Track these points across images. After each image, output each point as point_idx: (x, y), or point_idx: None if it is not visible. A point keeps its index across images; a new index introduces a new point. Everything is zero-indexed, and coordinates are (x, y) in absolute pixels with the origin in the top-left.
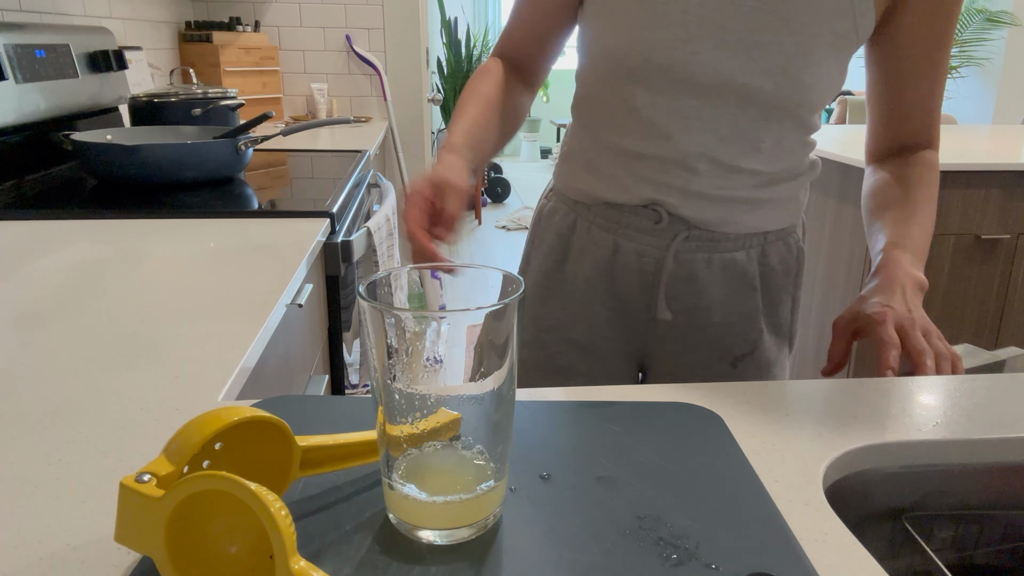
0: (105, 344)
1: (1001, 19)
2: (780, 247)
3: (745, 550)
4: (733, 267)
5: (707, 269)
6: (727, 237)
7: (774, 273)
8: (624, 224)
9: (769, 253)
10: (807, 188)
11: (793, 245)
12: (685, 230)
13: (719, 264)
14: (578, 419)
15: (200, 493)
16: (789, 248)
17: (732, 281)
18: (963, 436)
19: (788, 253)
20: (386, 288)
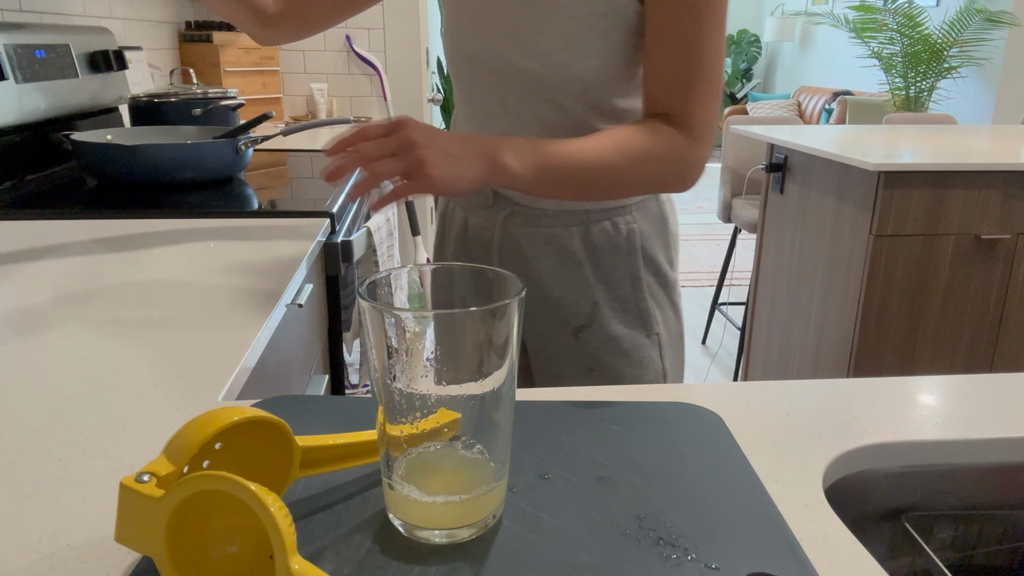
0: (105, 344)
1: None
2: (606, 227)
3: (745, 550)
4: (555, 242)
5: (531, 242)
6: (547, 214)
7: (601, 251)
8: (469, 201)
9: (592, 232)
10: None
11: (623, 227)
12: (511, 206)
13: (541, 238)
14: (578, 419)
15: (200, 493)
16: (617, 229)
17: (556, 255)
18: (963, 436)
19: (616, 233)
20: (386, 288)
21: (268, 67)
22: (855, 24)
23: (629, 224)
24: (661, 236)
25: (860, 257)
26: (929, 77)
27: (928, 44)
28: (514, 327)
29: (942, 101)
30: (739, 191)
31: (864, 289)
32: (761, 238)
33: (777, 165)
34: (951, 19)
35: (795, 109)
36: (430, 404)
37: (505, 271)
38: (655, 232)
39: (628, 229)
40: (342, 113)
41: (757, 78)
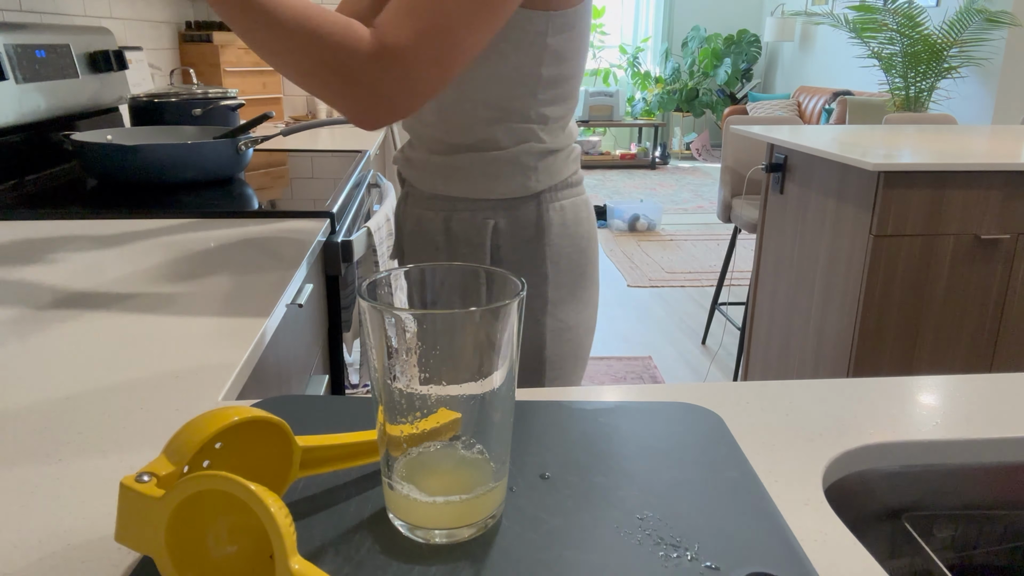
0: (105, 344)
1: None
2: (466, 216)
3: (745, 550)
4: (421, 223)
5: (407, 222)
6: (423, 195)
7: (457, 239)
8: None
9: (452, 218)
10: (516, 176)
11: (481, 220)
12: (407, 187)
13: (414, 218)
14: (578, 419)
15: (200, 493)
16: (474, 220)
17: (422, 236)
18: (963, 436)
19: (472, 226)
20: (386, 288)
21: (268, 67)
22: (855, 24)
23: (486, 219)
24: (531, 244)
25: (860, 257)
26: (929, 77)
27: (928, 44)
28: (514, 327)
29: (942, 101)
30: (739, 191)
31: (864, 289)
32: (761, 238)
33: (777, 165)
34: (951, 19)
35: (795, 109)
36: (430, 404)
37: (505, 271)
38: (523, 237)
39: (483, 223)
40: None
41: (757, 78)
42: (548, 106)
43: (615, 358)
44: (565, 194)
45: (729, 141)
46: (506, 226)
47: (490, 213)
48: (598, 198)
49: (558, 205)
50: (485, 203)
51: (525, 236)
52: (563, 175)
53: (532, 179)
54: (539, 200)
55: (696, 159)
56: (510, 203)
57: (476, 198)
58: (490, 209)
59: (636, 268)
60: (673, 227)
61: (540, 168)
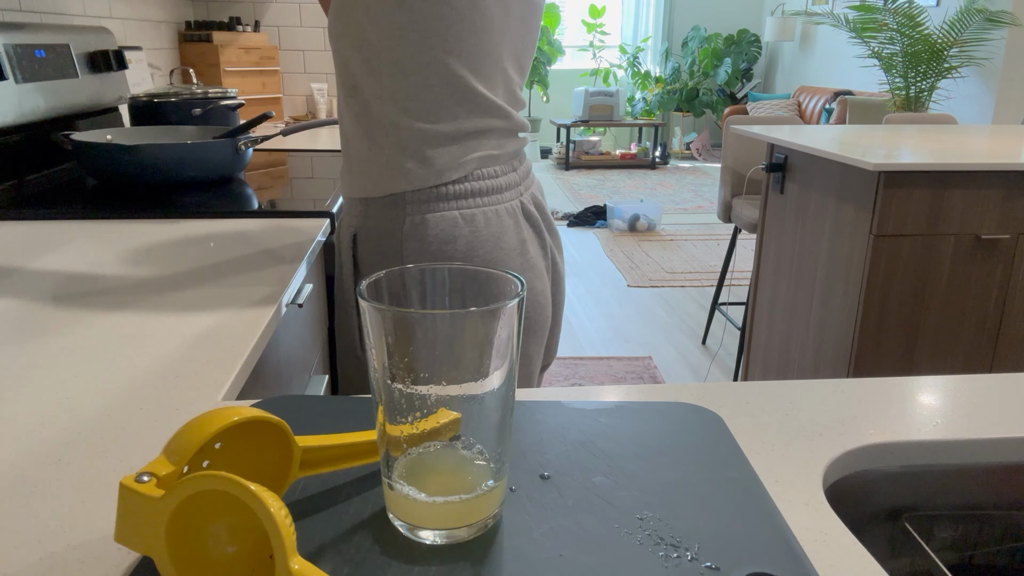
0: (105, 344)
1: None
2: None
3: (745, 550)
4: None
5: None
6: None
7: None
8: None
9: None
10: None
11: (344, 226)
12: None
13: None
14: (578, 419)
15: (200, 493)
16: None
17: None
18: (963, 436)
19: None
20: (386, 288)
21: (268, 67)
22: (855, 24)
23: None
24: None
25: (860, 257)
26: (929, 77)
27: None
28: (514, 327)
29: (942, 101)
30: (739, 191)
31: (864, 289)
32: (761, 238)
33: (777, 165)
34: (951, 19)
35: (795, 109)
36: (430, 404)
37: (505, 271)
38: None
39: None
40: None
41: (757, 78)
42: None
43: (615, 358)
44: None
45: (729, 141)
46: (366, 235)
47: (351, 220)
48: (599, 198)
49: (413, 225)
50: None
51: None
52: (431, 181)
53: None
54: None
55: (696, 159)
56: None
57: (358, 195)
58: (359, 212)
59: (636, 268)
60: (673, 227)
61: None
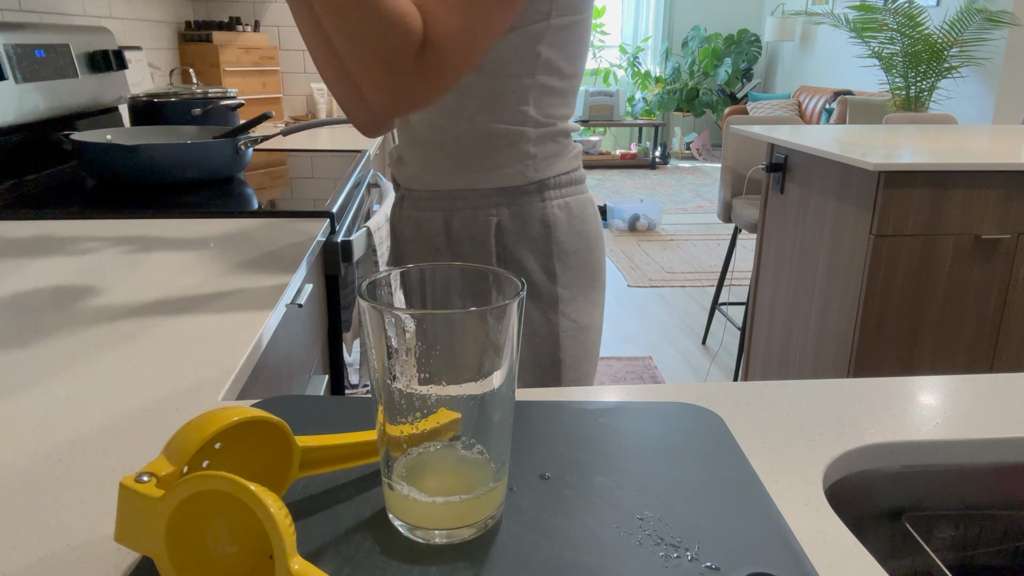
0: (105, 344)
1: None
2: (467, 214)
3: (745, 550)
4: (420, 224)
5: (405, 225)
6: (420, 195)
7: (459, 239)
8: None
9: (453, 218)
10: (513, 163)
11: (482, 217)
12: (402, 191)
13: (412, 221)
14: (578, 419)
15: (200, 493)
16: (475, 218)
17: (422, 239)
18: (963, 436)
19: (475, 224)
20: (386, 288)
21: (268, 67)
22: (855, 24)
23: (488, 215)
24: (538, 242)
25: (860, 257)
26: (929, 77)
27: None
28: (514, 327)
29: (942, 101)
30: (739, 191)
31: (864, 289)
32: (761, 238)
33: (777, 165)
34: (951, 19)
35: (795, 109)
36: (430, 404)
37: (505, 271)
38: (528, 235)
39: (486, 221)
40: (342, 113)
41: (757, 78)
42: (547, 92)
43: (615, 358)
44: (569, 191)
45: (729, 141)
46: (510, 222)
47: (492, 209)
48: (599, 198)
49: (562, 202)
50: (486, 198)
51: (530, 233)
52: (563, 168)
53: (530, 167)
54: (542, 196)
55: (696, 159)
56: (512, 198)
57: (474, 188)
58: (492, 205)
59: (636, 268)
60: (673, 227)
61: (538, 156)
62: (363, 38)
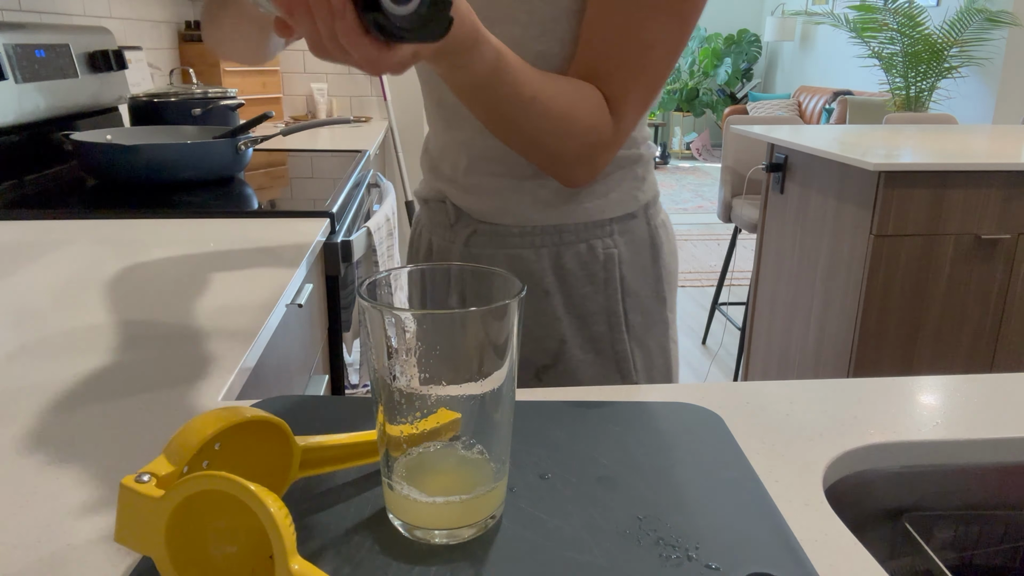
0: (104, 344)
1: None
2: (581, 249)
3: (745, 550)
4: (520, 265)
5: (492, 265)
6: (511, 231)
7: (573, 277)
8: (434, 222)
9: (564, 254)
10: (626, 187)
11: (600, 251)
12: (474, 224)
13: (504, 260)
14: (578, 419)
15: (200, 493)
16: (594, 253)
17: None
18: (963, 436)
19: (592, 258)
20: (386, 288)
21: (268, 67)
22: (855, 24)
23: (608, 248)
24: (650, 267)
25: (860, 257)
26: (929, 77)
27: (928, 44)
28: (514, 327)
29: (942, 101)
30: (739, 191)
31: (864, 289)
32: (761, 238)
33: (777, 165)
34: (951, 19)
35: (795, 109)
36: (430, 404)
37: (505, 271)
38: (641, 261)
39: (606, 254)
40: (342, 113)
41: (757, 78)
42: None
43: None
44: (660, 207)
45: (729, 141)
46: (626, 251)
47: (609, 240)
48: None
49: (660, 220)
50: (599, 228)
51: (642, 261)
52: (656, 185)
53: (639, 189)
54: (647, 217)
55: (696, 159)
56: (625, 224)
57: (588, 220)
58: (607, 235)
59: None
60: (673, 227)
61: (645, 176)
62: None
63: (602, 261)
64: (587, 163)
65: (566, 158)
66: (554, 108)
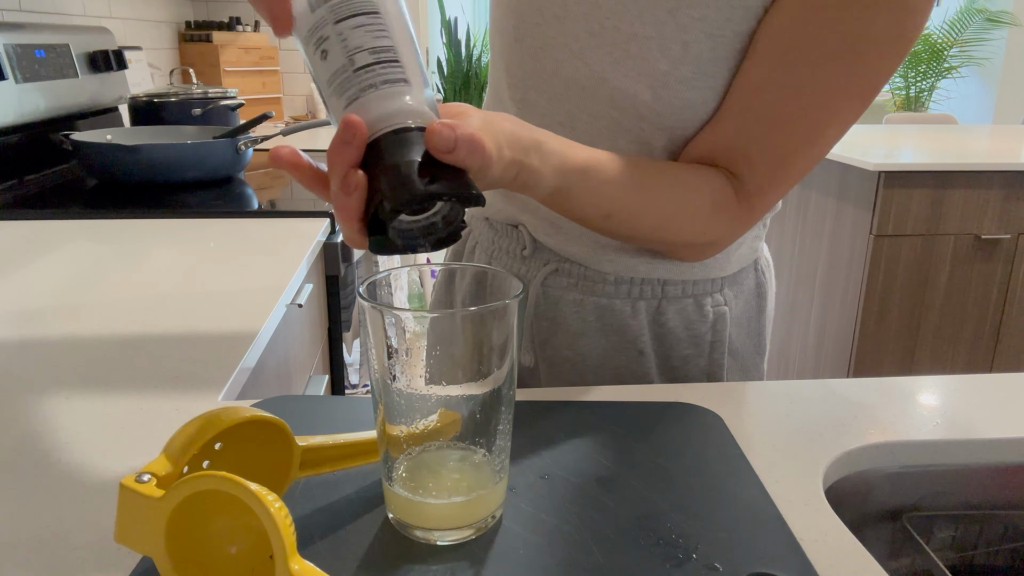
0: (105, 344)
1: (1001, 19)
2: (687, 306)
3: (745, 550)
4: (611, 318)
5: (577, 313)
6: (603, 278)
7: (674, 338)
8: (497, 246)
9: (667, 310)
10: (751, 245)
11: (709, 309)
12: (555, 261)
13: (593, 309)
14: (578, 419)
15: (200, 493)
16: (702, 311)
17: (610, 335)
18: (963, 436)
19: (699, 317)
20: (386, 288)
21: (268, 67)
22: None
23: (719, 306)
24: (756, 319)
25: (860, 257)
26: (929, 77)
27: (928, 44)
28: (514, 327)
29: (942, 101)
30: None
31: (864, 289)
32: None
33: None
34: (951, 19)
35: None
36: (430, 404)
37: (504, 271)
38: (750, 315)
39: (717, 313)
40: None
41: None
42: None
43: None
44: (762, 243)
45: None
46: (736, 307)
47: (719, 295)
48: None
49: (766, 260)
50: (709, 282)
51: (749, 315)
52: None
53: (761, 238)
54: (755, 262)
55: None
56: (735, 276)
57: (692, 279)
58: (718, 290)
59: None
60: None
61: (767, 223)
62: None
63: (711, 321)
64: (703, 253)
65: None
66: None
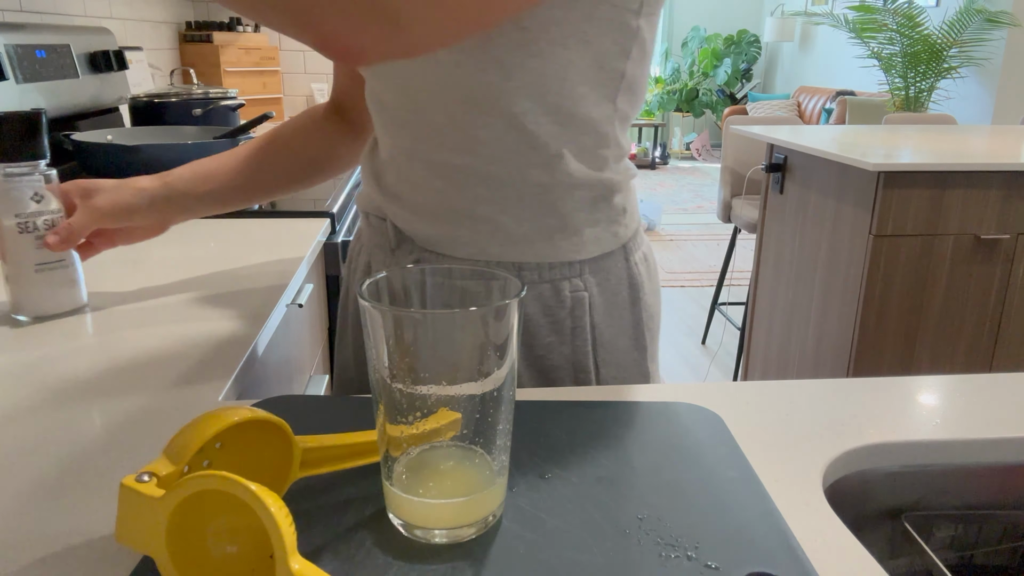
0: (104, 344)
1: (1001, 19)
2: (544, 291)
3: (745, 550)
4: (469, 301)
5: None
6: (459, 262)
7: (535, 324)
8: (374, 242)
9: (525, 296)
10: (604, 224)
11: (567, 294)
12: (417, 252)
13: (456, 294)
14: (578, 419)
15: (200, 493)
16: (559, 296)
17: None
18: (963, 436)
19: (557, 302)
20: (386, 288)
21: (268, 67)
22: (855, 24)
23: (577, 291)
24: (626, 313)
25: (860, 257)
26: (929, 77)
27: (928, 44)
28: (514, 327)
29: (942, 101)
30: (739, 191)
31: (864, 289)
32: (761, 238)
33: (777, 165)
34: (951, 19)
35: (795, 109)
36: (430, 404)
37: (504, 272)
38: (616, 306)
39: (574, 298)
40: None
41: (757, 78)
42: (624, 117)
43: None
44: (643, 239)
45: (729, 141)
46: (599, 294)
47: (578, 280)
48: None
49: (641, 255)
50: (567, 266)
51: (619, 306)
52: (638, 214)
53: (620, 223)
54: (625, 253)
55: (696, 159)
56: (598, 263)
57: (547, 261)
58: (577, 275)
59: None
60: (673, 227)
61: (627, 208)
62: None
63: (569, 307)
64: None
65: None
66: None
